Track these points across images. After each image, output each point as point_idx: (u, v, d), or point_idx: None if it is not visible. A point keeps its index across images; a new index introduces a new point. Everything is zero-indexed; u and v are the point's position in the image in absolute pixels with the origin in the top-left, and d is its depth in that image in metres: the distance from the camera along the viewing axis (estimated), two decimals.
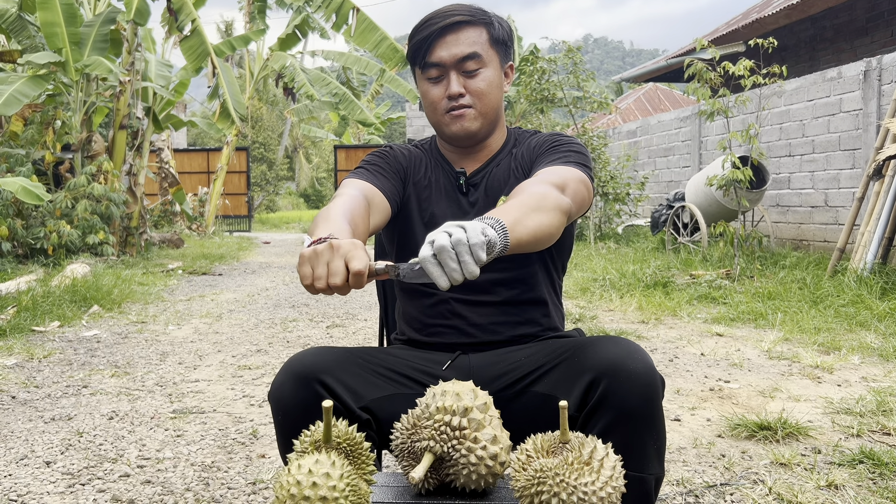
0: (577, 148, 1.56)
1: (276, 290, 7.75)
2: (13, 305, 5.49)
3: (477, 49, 1.51)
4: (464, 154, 1.64)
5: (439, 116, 1.56)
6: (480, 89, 1.52)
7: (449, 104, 1.53)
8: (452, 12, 1.52)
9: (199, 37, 11.06)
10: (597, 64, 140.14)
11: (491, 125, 1.59)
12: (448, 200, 1.62)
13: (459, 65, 1.51)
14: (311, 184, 39.75)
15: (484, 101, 1.53)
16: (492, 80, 1.54)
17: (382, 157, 1.64)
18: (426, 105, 1.58)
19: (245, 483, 2.42)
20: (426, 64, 1.53)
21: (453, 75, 1.52)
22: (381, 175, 1.59)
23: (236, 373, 3.99)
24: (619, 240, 10.90)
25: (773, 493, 2.21)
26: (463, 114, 1.53)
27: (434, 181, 1.64)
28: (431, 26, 1.52)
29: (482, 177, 1.62)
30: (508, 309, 1.57)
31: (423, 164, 1.67)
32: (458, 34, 1.51)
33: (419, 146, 1.71)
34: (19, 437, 2.90)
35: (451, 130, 1.55)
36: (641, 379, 1.24)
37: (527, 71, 12.04)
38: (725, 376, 3.68)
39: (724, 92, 7.01)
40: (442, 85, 1.53)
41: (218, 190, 17.33)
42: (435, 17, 1.53)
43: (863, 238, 6.00)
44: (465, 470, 1.18)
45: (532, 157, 1.60)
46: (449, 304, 1.58)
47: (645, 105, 23.39)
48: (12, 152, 8.85)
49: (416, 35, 1.54)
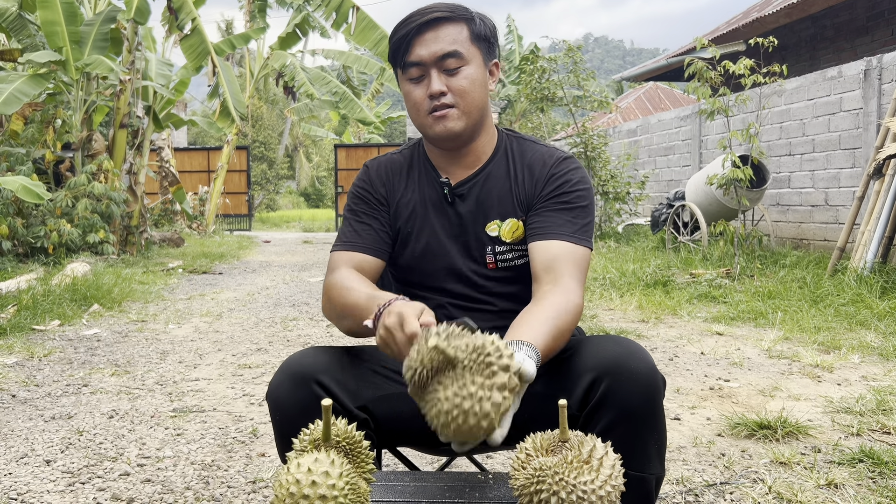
0: (585, 201, 1.52)
1: (276, 288, 7.75)
2: (13, 304, 5.49)
3: (457, 46, 1.47)
4: (451, 158, 1.59)
5: (422, 118, 1.51)
6: (463, 87, 1.48)
7: (431, 104, 1.48)
8: (431, 9, 1.48)
9: (199, 35, 11.06)
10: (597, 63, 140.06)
11: (476, 125, 1.54)
12: (435, 211, 1.58)
13: (440, 63, 1.47)
14: (312, 183, 39.75)
15: (467, 99, 1.48)
16: (474, 77, 1.49)
17: (362, 200, 1.61)
18: (409, 107, 1.53)
19: (245, 482, 2.42)
20: (406, 63, 1.49)
21: (434, 74, 1.47)
22: (366, 227, 1.58)
23: (236, 371, 4.00)
24: (619, 239, 10.89)
25: (772, 491, 2.21)
26: (446, 114, 1.48)
27: (419, 194, 1.60)
28: (409, 24, 1.47)
29: (471, 187, 1.57)
30: (508, 315, 1.55)
31: (404, 177, 1.62)
32: (437, 31, 1.47)
33: (405, 151, 1.67)
34: (19, 435, 2.90)
35: (434, 132, 1.51)
36: (643, 378, 1.24)
37: (527, 70, 12.04)
38: (725, 375, 3.68)
39: (725, 91, 7.01)
40: (423, 84, 1.49)
41: (218, 189, 17.33)
42: (413, 15, 1.49)
43: (863, 237, 6.00)
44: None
45: (535, 192, 1.54)
46: (446, 310, 1.57)
47: (645, 104, 23.38)
48: (13, 151, 8.85)
49: (395, 35, 1.50)
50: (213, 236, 15.91)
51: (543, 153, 1.58)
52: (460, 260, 1.56)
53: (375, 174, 1.63)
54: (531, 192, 1.55)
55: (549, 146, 1.61)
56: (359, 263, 1.54)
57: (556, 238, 1.47)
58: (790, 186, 8.29)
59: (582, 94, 11.92)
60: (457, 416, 1.09)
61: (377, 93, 23.97)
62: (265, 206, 33.21)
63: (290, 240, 16.80)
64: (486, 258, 1.56)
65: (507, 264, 1.55)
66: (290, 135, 38.64)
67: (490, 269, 1.56)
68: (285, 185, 38.75)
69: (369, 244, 1.56)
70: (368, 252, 1.55)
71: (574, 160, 1.58)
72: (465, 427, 1.10)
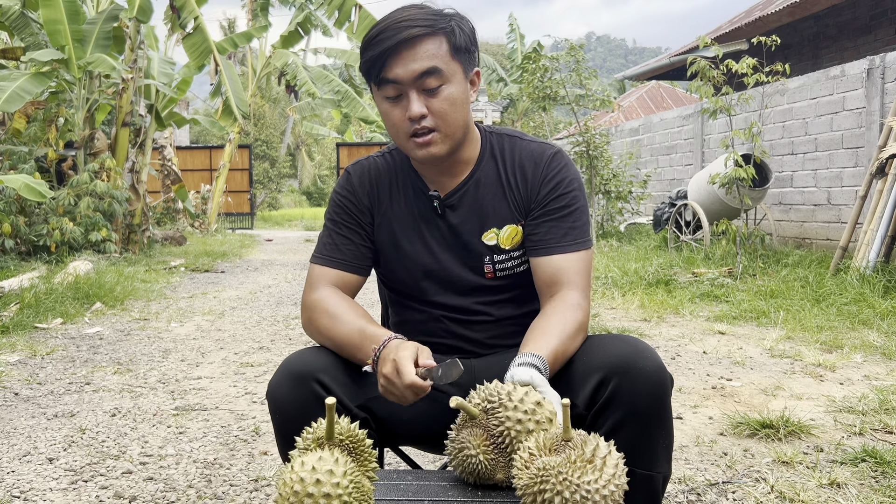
0: (580, 200, 1.49)
1: (278, 287, 7.75)
2: (16, 302, 5.50)
3: (437, 63, 1.36)
4: (439, 170, 1.51)
5: (403, 141, 1.43)
6: (444, 110, 1.38)
7: (411, 127, 1.39)
8: (407, 23, 1.36)
9: (201, 34, 11.06)
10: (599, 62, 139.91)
11: (459, 143, 1.46)
12: (426, 224, 1.53)
13: (418, 82, 1.36)
14: (314, 181, 39.78)
15: (448, 121, 1.40)
16: (455, 97, 1.39)
17: (343, 210, 1.55)
18: (388, 127, 1.44)
19: (247, 480, 2.42)
20: (382, 80, 1.38)
21: (413, 94, 1.37)
22: (346, 241, 1.53)
23: (238, 370, 4.00)
24: (621, 238, 10.89)
25: (774, 491, 2.21)
26: (429, 140, 1.40)
27: (406, 206, 1.54)
28: (386, 40, 1.35)
29: (461, 196, 1.51)
30: (507, 323, 1.55)
31: (389, 185, 1.56)
32: (414, 49, 1.35)
33: (387, 155, 1.59)
34: (22, 433, 2.90)
35: (416, 156, 1.43)
36: (652, 377, 1.23)
37: (529, 69, 12.01)
38: (727, 374, 3.68)
39: (727, 90, 7.00)
40: (402, 105, 1.39)
41: (220, 187, 17.35)
42: (388, 28, 1.36)
43: (865, 236, 5.99)
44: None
45: (532, 195, 1.50)
46: (443, 323, 1.55)
47: (647, 103, 23.36)
48: (15, 149, 8.86)
49: (369, 49, 1.38)
50: (215, 235, 15.92)
51: (533, 150, 1.52)
52: (456, 272, 1.52)
53: (359, 182, 1.56)
54: (527, 195, 1.50)
55: (536, 140, 1.55)
56: (339, 280, 1.51)
57: (558, 252, 1.46)
58: (793, 185, 8.28)
59: (584, 92, 11.90)
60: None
61: None
62: (267, 205, 33.23)
63: (292, 238, 16.81)
64: (484, 268, 1.51)
65: (506, 272, 1.52)
66: (292, 133, 38.65)
67: (488, 278, 1.52)
68: (287, 184, 38.76)
69: (350, 260, 1.52)
70: (349, 269, 1.52)
71: (563, 154, 1.53)
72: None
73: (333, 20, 12.23)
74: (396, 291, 1.60)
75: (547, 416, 1.15)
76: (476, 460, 1.18)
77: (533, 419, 1.14)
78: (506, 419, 1.15)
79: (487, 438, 1.18)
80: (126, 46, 10.47)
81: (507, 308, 1.54)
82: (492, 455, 1.18)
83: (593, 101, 11.81)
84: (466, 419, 1.22)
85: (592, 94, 11.74)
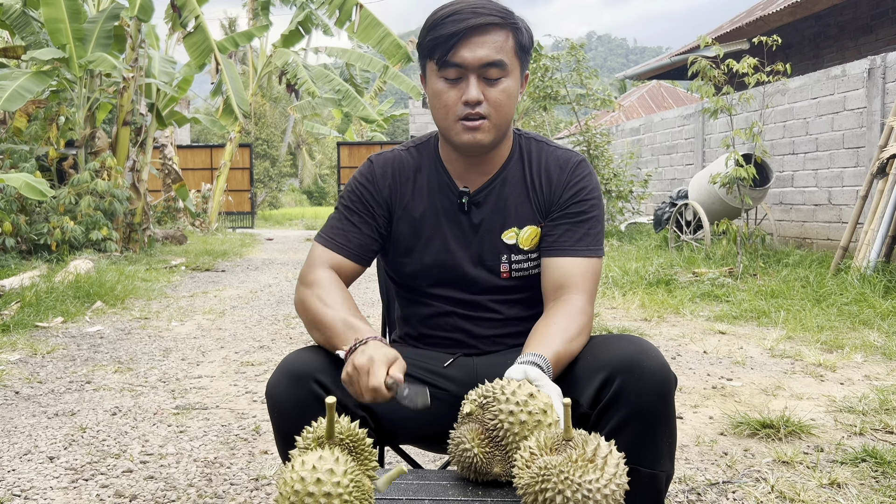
0: (598, 209, 1.52)
1: (278, 286, 7.75)
2: (17, 301, 5.50)
3: (503, 56, 1.39)
4: (469, 164, 1.52)
5: (451, 122, 1.43)
6: (500, 101, 1.41)
7: (464, 111, 1.40)
8: (482, 10, 1.38)
9: (202, 33, 11.06)
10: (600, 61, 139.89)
11: (502, 136, 1.48)
12: (447, 220, 1.54)
13: (482, 70, 1.39)
14: (315, 180, 39.78)
15: (501, 112, 1.42)
16: (511, 91, 1.42)
17: (359, 199, 1.55)
18: (437, 106, 1.44)
19: (247, 479, 2.42)
20: (446, 62, 1.39)
21: (473, 80, 1.39)
22: (355, 230, 1.53)
23: (239, 369, 4.00)
24: (622, 237, 10.89)
25: (775, 491, 2.21)
26: (478, 126, 1.41)
27: (429, 201, 1.54)
28: (458, 23, 1.37)
29: (487, 194, 1.53)
30: (514, 323, 1.56)
31: (412, 180, 1.56)
32: (485, 36, 1.38)
33: (413, 150, 1.59)
34: (23, 432, 2.90)
35: (461, 140, 1.44)
36: (656, 377, 1.24)
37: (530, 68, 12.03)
38: (728, 374, 3.68)
39: (728, 89, 6.99)
40: (459, 88, 1.41)
41: (221, 186, 17.34)
42: (461, 11, 1.38)
43: (866, 236, 5.98)
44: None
45: (554, 199, 1.52)
46: (451, 318, 1.55)
47: (648, 102, 23.35)
48: (16, 148, 8.86)
49: (438, 29, 1.39)
50: (215, 234, 15.93)
51: (559, 156, 1.55)
52: (471, 269, 1.53)
53: (381, 173, 1.56)
54: (549, 198, 1.52)
55: (562, 147, 1.58)
56: (338, 265, 1.51)
57: (571, 255, 1.47)
58: (793, 185, 8.28)
59: (585, 92, 11.91)
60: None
61: (380, 90, 23.97)
62: (268, 204, 33.24)
63: (292, 237, 16.81)
64: (501, 267, 1.52)
65: (521, 273, 1.53)
66: (292, 132, 38.64)
67: (503, 278, 1.53)
68: (288, 183, 38.76)
69: (353, 249, 1.52)
70: (351, 257, 1.52)
71: (587, 164, 1.55)
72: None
73: (334, 19, 12.23)
74: (406, 285, 1.60)
75: (541, 407, 1.17)
76: (471, 454, 1.20)
77: (525, 410, 1.16)
78: (499, 412, 1.18)
79: (483, 433, 1.21)
80: (127, 45, 10.47)
81: (517, 308, 1.55)
82: (487, 449, 1.20)
83: (594, 100, 11.82)
84: (465, 417, 1.24)
85: (593, 93, 11.75)
